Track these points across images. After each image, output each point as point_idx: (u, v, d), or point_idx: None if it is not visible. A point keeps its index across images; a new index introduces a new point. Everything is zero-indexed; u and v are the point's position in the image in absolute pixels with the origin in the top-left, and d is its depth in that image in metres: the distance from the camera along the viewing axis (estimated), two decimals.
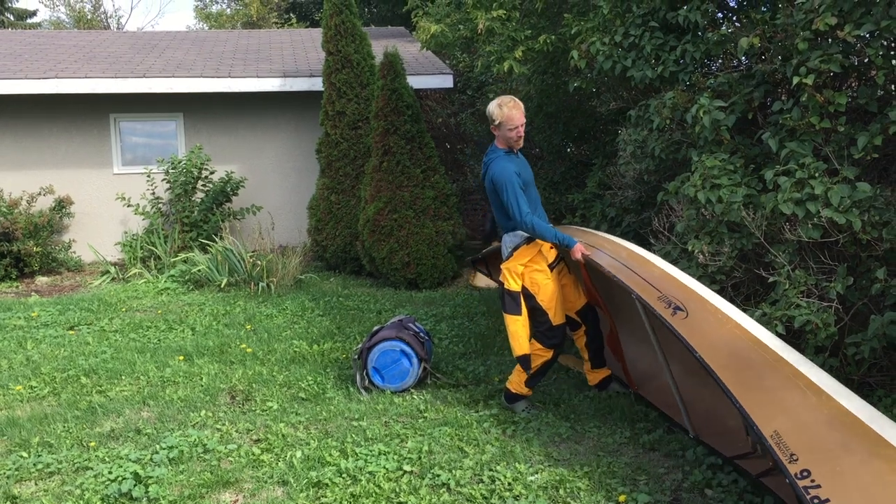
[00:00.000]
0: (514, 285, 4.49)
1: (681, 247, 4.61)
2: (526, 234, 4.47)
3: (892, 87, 4.55)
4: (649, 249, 4.98)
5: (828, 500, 2.54)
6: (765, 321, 3.95)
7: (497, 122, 4.46)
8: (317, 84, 10.24)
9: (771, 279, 4.09)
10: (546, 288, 4.48)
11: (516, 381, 4.61)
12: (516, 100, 4.49)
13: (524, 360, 4.51)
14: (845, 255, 4.13)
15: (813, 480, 2.63)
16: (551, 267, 4.54)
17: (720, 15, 5.45)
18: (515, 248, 4.51)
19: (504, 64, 6.37)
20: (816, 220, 3.89)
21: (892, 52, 4.29)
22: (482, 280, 8.96)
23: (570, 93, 6.50)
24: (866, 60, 4.09)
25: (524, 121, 4.48)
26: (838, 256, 4.12)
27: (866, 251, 4.02)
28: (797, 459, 2.73)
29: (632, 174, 5.60)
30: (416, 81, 9.82)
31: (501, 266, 4.60)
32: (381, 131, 8.54)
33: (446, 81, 10.83)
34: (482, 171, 4.66)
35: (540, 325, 4.54)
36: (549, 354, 4.53)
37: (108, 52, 11.73)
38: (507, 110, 4.41)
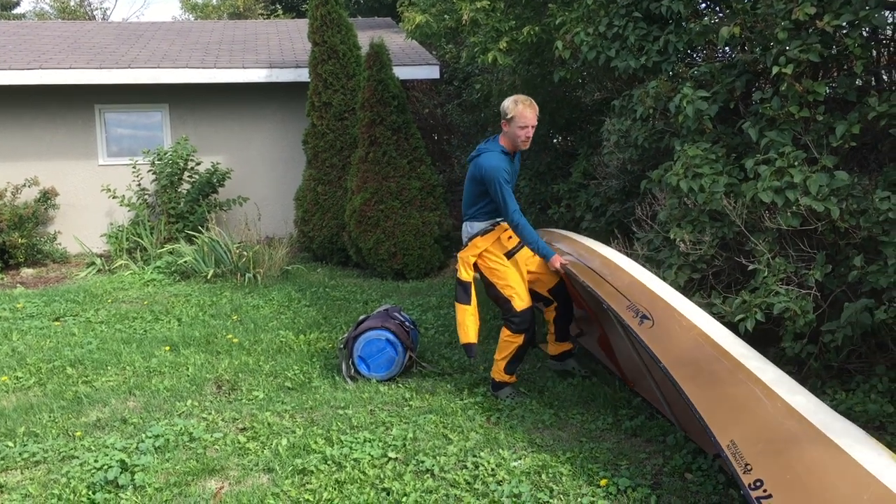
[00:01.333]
0: (465, 275, 4.59)
1: (663, 235, 4.65)
2: (483, 225, 4.56)
3: (871, 76, 4.61)
4: (633, 238, 5.04)
5: None
6: (744, 308, 4.01)
7: (510, 117, 4.49)
8: (303, 75, 10.22)
9: (751, 267, 4.14)
10: (503, 275, 4.55)
11: (496, 370, 4.67)
12: (532, 101, 4.55)
13: (468, 349, 4.63)
14: (824, 243, 4.18)
15: (765, 490, 2.68)
16: (510, 254, 4.59)
17: (703, 5, 5.49)
18: (471, 238, 4.60)
19: (488, 55, 6.39)
20: (795, 209, 3.94)
21: (871, 42, 4.35)
22: None
23: (556, 83, 6.52)
24: (845, 50, 4.13)
25: (535, 123, 4.53)
26: (817, 244, 4.17)
27: (844, 239, 4.08)
28: (751, 469, 2.78)
29: (616, 164, 5.64)
30: (402, 72, 9.83)
31: (457, 255, 4.68)
32: (368, 122, 8.55)
33: (433, 72, 10.83)
34: (472, 154, 4.70)
35: (505, 313, 4.60)
36: (519, 339, 4.57)
37: (93, 43, 11.67)
38: (522, 108, 4.46)
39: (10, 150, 10.60)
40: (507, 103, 4.54)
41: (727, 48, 5.08)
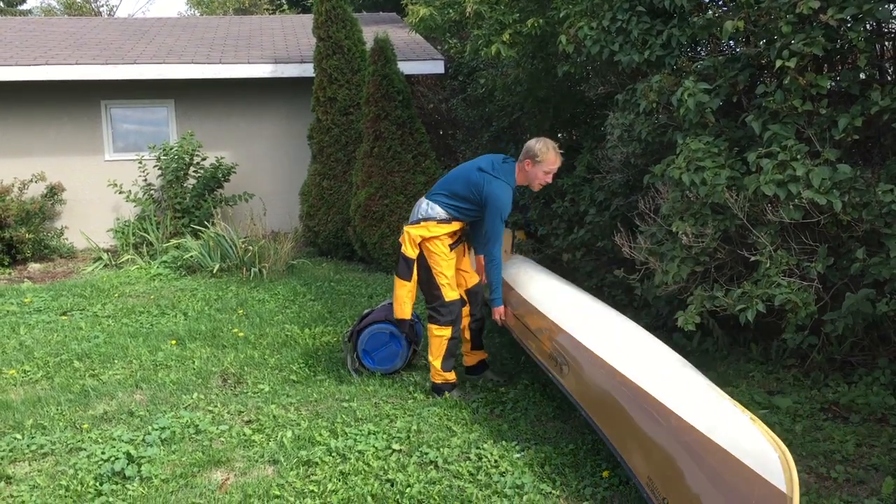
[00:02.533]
0: (410, 252, 4.58)
1: (666, 228, 4.66)
2: (445, 216, 4.57)
3: (876, 70, 4.61)
4: (636, 232, 5.05)
5: None
6: (745, 300, 4.02)
7: (539, 160, 4.52)
8: (308, 70, 10.24)
9: (753, 258, 4.15)
10: (442, 263, 4.58)
11: (434, 373, 4.68)
12: (558, 149, 4.61)
13: (401, 323, 4.76)
14: (826, 235, 4.19)
15: None
16: (453, 246, 4.64)
17: None
18: (426, 219, 4.58)
19: (492, 47, 6.40)
20: (798, 202, 3.95)
21: (874, 36, 4.35)
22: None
23: (559, 77, 6.52)
24: (849, 44, 4.13)
25: (556, 170, 4.63)
26: (819, 237, 4.18)
27: (847, 232, 4.09)
28: (668, 503, 2.79)
29: (619, 158, 5.64)
30: (407, 67, 9.84)
31: (405, 227, 4.66)
32: (372, 117, 8.57)
33: (437, 67, 10.84)
34: (484, 165, 4.66)
35: (432, 301, 4.62)
36: (447, 332, 4.59)
37: (99, 39, 11.71)
38: (554, 155, 4.56)
39: (17, 145, 10.65)
40: (539, 146, 4.54)
41: (731, 42, 5.08)
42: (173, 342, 5.95)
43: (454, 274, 4.66)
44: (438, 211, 4.58)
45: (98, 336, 6.17)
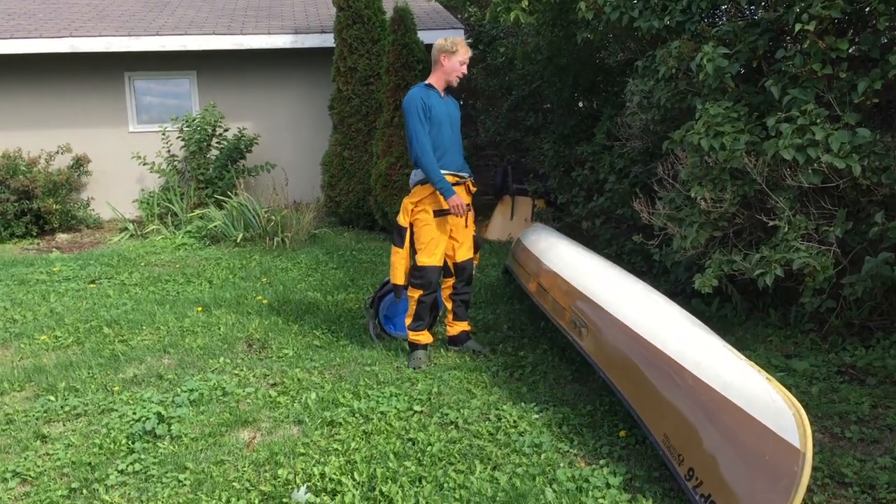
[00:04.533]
0: (402, 221, 4.71)
1: (685, 194, 4.69)
2: (417, 177, 4.68)
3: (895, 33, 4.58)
4: (654, 199, 5.08)
5: (710, 496, 2.65)
6: (763, 264, 4.05)
7: (453, 50, 4.71)
8: (328, 40, 10.26)
9: (771, 223, 4.18)
10: (422, 228, 4.65)
11: (409, 332, 4.81)
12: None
13: (396, 289, 4.82)
14: (845, 199, 4.20)
15: (697, 479, 2.74)
16: (440, 213, 4.67)
17: None
18: (413, 186, 4.71)
19: (511, 14, 6.39)
20: (817, 166, 3.96)
21: None
22: (493, 233, 9.07)
23: (579, 45, 6.51)
24: (869, 7, 4.11)
25: (467, 59, 4.77)
26: (838, 201, 4.19)
27: (866, 196, 4.10)
28: (683, 460, 2.85)
29: (638, 124, 5.65)
30: (426, 36, 9.81)
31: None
32: (393, 86, 8.60)
33: (457, 35, 10.81)
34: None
35: (412, 261, 4.74)
36: (416, 294, 4.71)
37: (122, 11, 11.78)
38: (463, 45, 4.74)
39: (43, 117, 10.80)
40: (448, 41, 4.75)
41: (751, 7, 5.06)
42: (199, 309, 6.08)
43: (436, 242, 4.69)
44: (418, 172, 4.70)
45: (126, 303, 6.31)
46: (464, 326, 5.02)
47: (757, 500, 2.49)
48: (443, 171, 4.63)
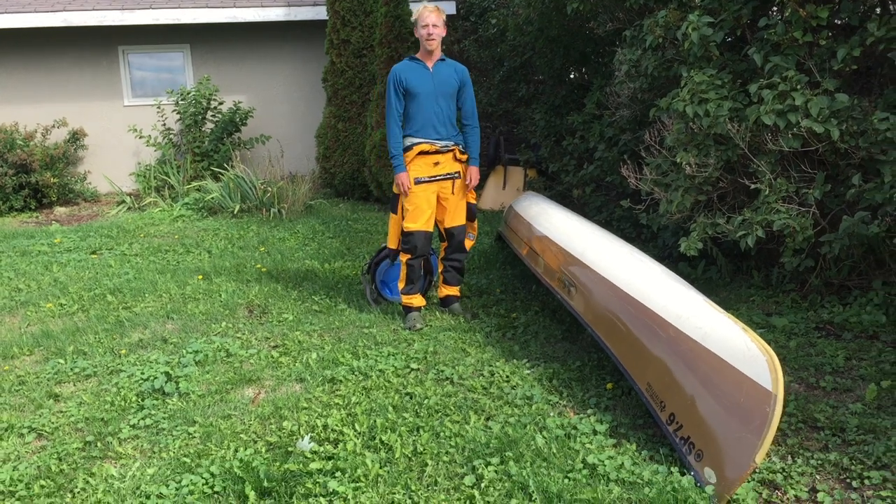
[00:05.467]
0: (396, 189, 4.95)
1: (671, 160, 4.84)
2: (406, 143, 4.87)
3: (877, 1, 4.71)
4: (642, 165, 5.23)
5: (689, 438, 2.85)
6: (746, 226, 4.22)
7: (415, 20, 4.93)
8: (321, 13, 10.32)
9: (753, 187, 4.34)
10: (408, 196, 4.85)
11: (402, 295, 5.02)
12: (435, 5, 4.92)
13: (390, 253, 5.12)
14: (824, 163, 4.36)
15: (678, 423, 2.94)
16: (418, 181, 4.82)
17: None
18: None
19: None
20: (797, 131, 4.12)
21: None
22: (486, 202, 9.22)
23: (569, 15, 6.62)
24: None
25: (435, 22, 4.85)
26: (818, 165, 4.35)
27: (844, 159, 4.26)
28: (665, 406, 3.04)
29: (627, 93, 5.79)
30: (420, 6, 9.88)
31: None
32: (386, 58, 8.70)
33: (449, 8, 10.85)
34: None
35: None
36: (404, 258, 4.93)
37: None
38: (421, 9, 4.89)
39: (39, 92, 10.86)
40: (414, 13, 4.96)
41: None
42: (200, 277, 6.23)
43: (420, 208, 4.84)
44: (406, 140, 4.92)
45: (128, 272, 6.46)
46: (452, 291, 5.18)
47: (732, 439, 2.68)
48: (415, 141, 4.82)
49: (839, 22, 4.53)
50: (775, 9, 4.84)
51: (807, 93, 4.11)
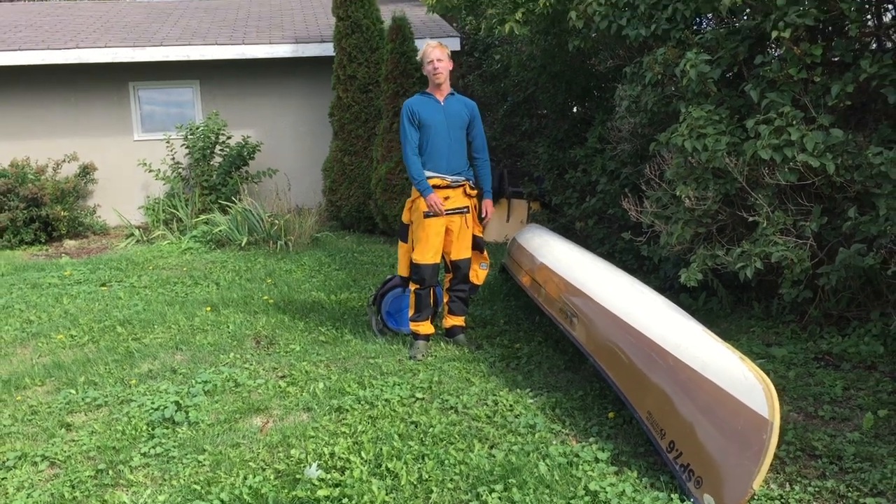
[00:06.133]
0: (406, 218, 5.09)
1: (670, 193, 4.95)
2: None
3: (871, 39, 4.85)
4: (643, 198, 5.33)
5: (689, 465, 2.92)
6: (744, 258, 4.31)
7: (420, 58, 5.07)
8: (328, 49, 10.53)
9: (752, 219, 4.43)
10: (416, 228, 4.98)
11: (410, 322, 5.12)
12: (439, 42, 5.06)
13: (403, 281, 5.19)
14: (821, 196, 4.46)
15: (678, 450, 3.00)
16: (427, 215, 4.91)
17: None
18: (413, 185, 5.02)
19: (505, 26, 6.66)
20: (793, 165, 4.22)
21: (866, 6, 4.58)
22: (490, 234, 9.33)
23: (571, 52, 6.77)
24: (841, 15, 4.37)
25: (441, 57, 4.96)
26: (814, 198, 4.45)
27: (840, 193, 4.36)
28: (665, 434, 3.11)
29: (627, 128, 5.92)
30: (424, 45, 10.09)
31: None
32: (391, 94, 8.86)
33: (454, 44, 11.06)
34: None
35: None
36: (413, 287, 5.06)
37: (126, 22, 12.05)
38: (425, 46, 5.03)
39: (51, 126, 11.05)
40: (419, 52, 5.12)
41: (732, 15, 5.32)
42: (208, 309, 6.32)
43: (428, 241, 4.95)
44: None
45: (137, 304, 6.55)
46: (457, 321, 5.26)
47: (730, 465, 2.75)
48: (428, 175, 4.91)
49: (833, 59, 4.65)
50: (772, 47, 4.97)
51: (802, 128, 4.22)
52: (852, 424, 3.51)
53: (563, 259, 4.88)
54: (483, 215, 5.15)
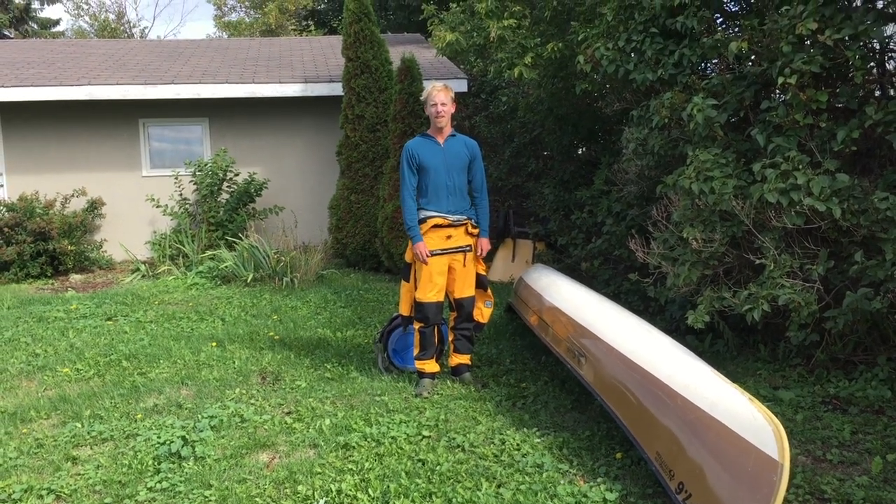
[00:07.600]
0: (408, 256, 5.15)
1: (677, 235, 4.98)
2: (420, 215, 5.03)
3: (875, 85, 4.92)
4: (650, 240, 5.37)
5: None
6: (751, 300, 4.33)
7: (424, 99, 5.12)
8: (336, 89, 10.66)
9: (758, 262, 4.46)
10: (419, 268, 5.03)
11: (415, 360, 5.15)
12: (443, 84, 5.12)
13: (405, 319, 5.24)
14: (827, 240, 4.49)
15: (687, 492, 2.99)
16: (434, 253, 4.97)
17: (720, 19, 5.82)
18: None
19: (514, 70, 6.77)
20: (800, 209, 4.26)
21: (870, 55, 4.66)
22: (495, 274, 9.35)
23: (578, 95, 6.87)
24: (846, 62, 4.45)
25: (444, 101, 5.01)
26: (820, 241, 4.48)
27: (846, 237, 4.39)
28: (674, 475, 3.10)
29: (634, 170, 5.97)
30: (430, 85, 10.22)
31: None
32: (399, 133, 8.96)
33: (461, 86, 11.21)
34: None
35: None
36: (417, 325, 5.08)
37: (137, 60, 12.23)
38: (429, 88, 5.09)
39: (60, 162, 11.17)
40: (423, 93, 5.20)
41: (738, 61, 5.41)
42: (213, 344, 6.33)
43: (431, 280, 4.99)
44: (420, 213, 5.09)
45: (143, 339, 6.56)
46: (462, 359, 5.26)
47: None
48: (429, 214, 4.98)
49: (838, 105, 4.72)
50: (777, 92, 5.05)
51: (808, 172, 4.27)
52: (861, 468, 3.50)
53: (571, 299, 4.91)
54: (478, 253, 5.18)
